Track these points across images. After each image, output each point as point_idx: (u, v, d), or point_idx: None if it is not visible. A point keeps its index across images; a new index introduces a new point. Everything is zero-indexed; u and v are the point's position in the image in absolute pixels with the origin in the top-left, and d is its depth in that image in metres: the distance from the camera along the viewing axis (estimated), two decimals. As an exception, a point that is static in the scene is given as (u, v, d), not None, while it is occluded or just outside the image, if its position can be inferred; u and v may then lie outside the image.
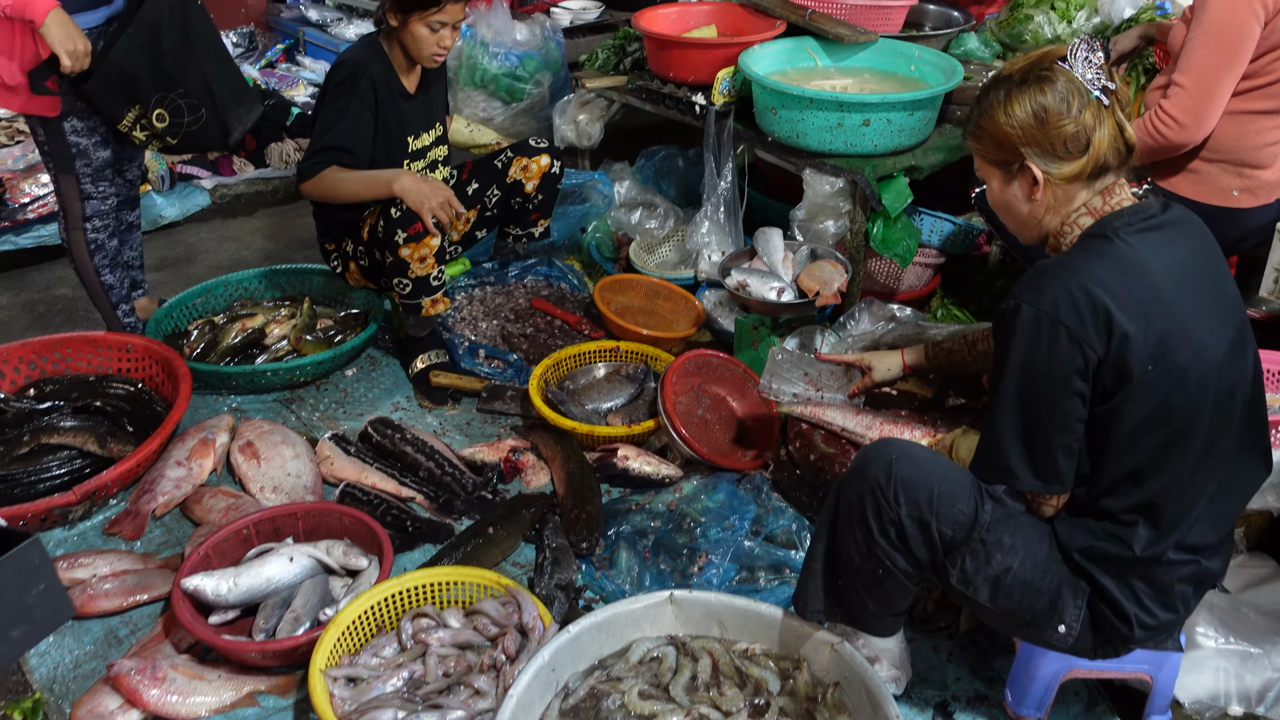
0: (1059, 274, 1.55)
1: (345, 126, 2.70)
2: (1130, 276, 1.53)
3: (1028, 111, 1.59)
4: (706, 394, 2.79)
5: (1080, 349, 1.52)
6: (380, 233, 2.71)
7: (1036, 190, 1.64)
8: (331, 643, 1.93)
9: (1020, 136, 1.61)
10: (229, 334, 3.05)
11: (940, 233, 3.29)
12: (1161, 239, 1.58)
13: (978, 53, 3.41)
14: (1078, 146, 1.59)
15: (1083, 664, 1.83)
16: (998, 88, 1.64)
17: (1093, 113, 1.59)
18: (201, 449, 2.55)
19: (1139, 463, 1.58)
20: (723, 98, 3.16)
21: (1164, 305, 1.52)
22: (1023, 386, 1.58)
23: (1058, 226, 1.67)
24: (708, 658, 1.94)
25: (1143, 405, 1.54)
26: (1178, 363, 1.52)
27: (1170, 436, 1.55)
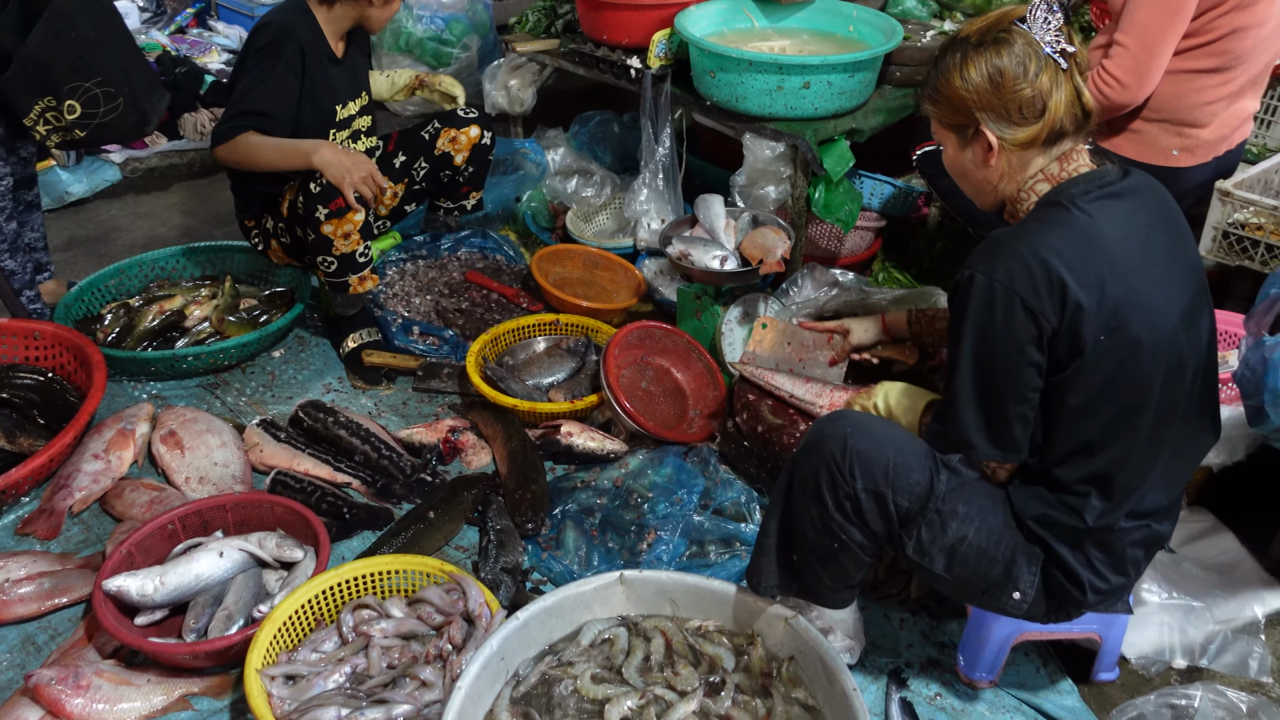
0: (1014, 244, 1.52)
1: (267, 91, 2.56)
2: (1086, 246, 1.51)
3: (983, 74, 1.56)
4: (650, 366, 2.74)
5: (1035, 319, 1.50)
6: (300, 209, 2.57)
7: (992, 156, 1.61)
8: (268, 640, 1.84)
9: (976, 100, 1.57)
10: (146, 317, 2.90)
11: (880, 195, 3.27)
12: (1120, 207, 1.56)
13: (915, 11, 3.38)
14: (1033, 111, 1.56)
15: (1033, 626, 1.84)
16: (955, 50, 1.60)
17: (1050, 76, 1.55)
18: (120, 440, 2.42)
19: (1092, 433, 1.57)
20: (659, 61, 3.08)
21: (1119, 275, 1.50)
22: (978, 357, 1.57)
23: (1014, 193, 1.64)
24: (660, 637, 1.90)
25: (1096, 375, 1.53)
26: (1131, 333, 1.50)
27: (1124, 407, 1.55)
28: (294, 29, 2.59)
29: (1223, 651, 2.00)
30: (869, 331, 2.26)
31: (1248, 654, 1.99)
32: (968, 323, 1.55)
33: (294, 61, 2.58)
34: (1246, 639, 2.01)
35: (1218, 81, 2.35)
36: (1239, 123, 2.47)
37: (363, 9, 2.65)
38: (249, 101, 2.55)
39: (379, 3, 2.64)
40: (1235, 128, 2.47)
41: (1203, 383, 1.63)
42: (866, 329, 2.27)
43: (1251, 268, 2.45)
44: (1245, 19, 2.27)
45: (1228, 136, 2.46)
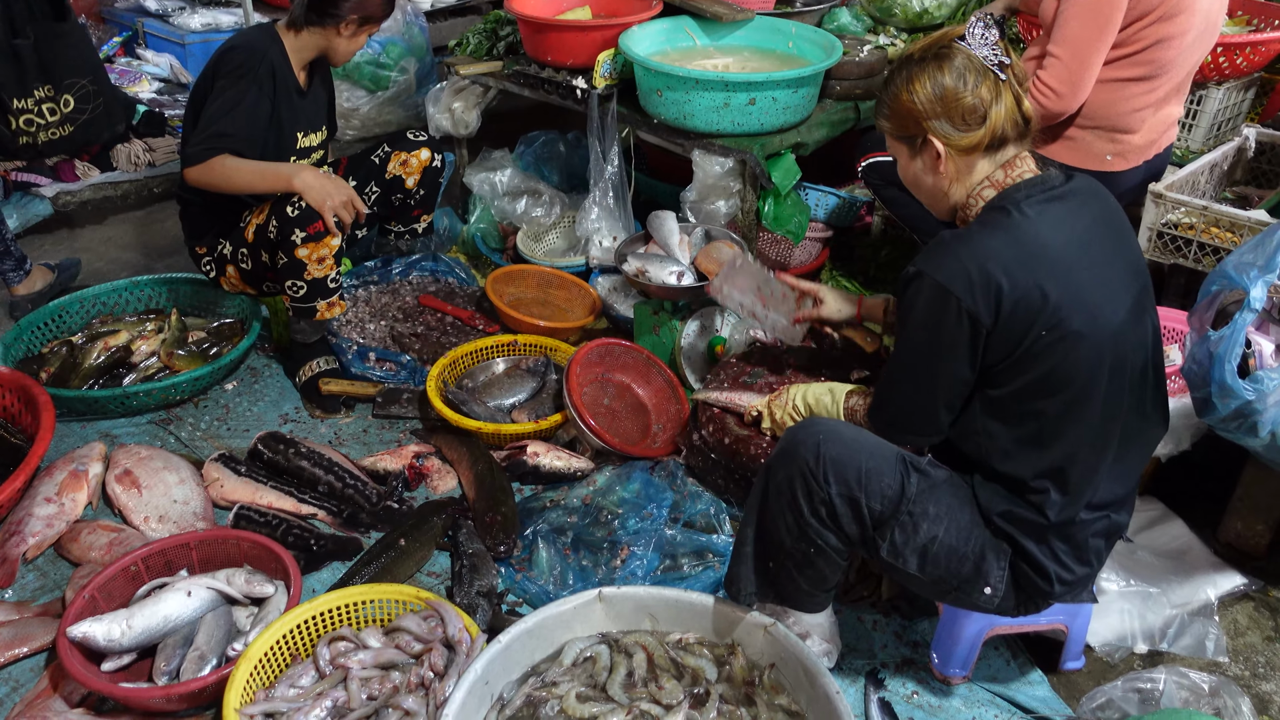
0: (956, 247, 1.62)
1: (241, 114, 2.53)
2: (1025, 248, 1.59)
3: (927, 88, 1.66)
4: (611, 383, 2.75)
5: (970, 319, 1.59)
6: (274, 232, 2.54)
7: (940, 162, 1.69)
8: (244, 678, 1.80)
9: (923, 111, 1.67)
10: (90, 354, 2.82)
11: (826, 207, 3.34)
12: (1063, 210, 1.64)
13: (851, 27, 3.46)
14: (975, 118, 1.65)
15: (1003, 621, 1.89)
16: (902, 68, 1.70)
17: (989, 87, 1.65)
18: (73, 482, 2.35)
19: (1040, 427, 1.65)
20: (604, 81, 3.11)
21: (1059, 274, 1.58)
22: (915, 348, 1.68)
23: (963, 199, 1.73)
24: (642, 652, 1.91)
25: (1037, 369, 1.61)
26: (1072, 328, 1.58)
27: (1069, 401, 1.62)
28: (266, 53, 2.58)
29: (1181, 634, 2.08)
30: (843, 309, 2.29)
31: (1204, 635, 2.08)
32: (910, 318, 1.67)
33: (266, 85, 2.57)
34: (1202, 621, 2.10)
35: (1145, 89, 2.46)
36: (1166, 128, 2.59)
37: (330, 38, 2.65)
38: (222, 124, 2.52)
39: (346, 34, 2.64)
40: (1163, 132, 2.58)
41: (1150, 377, 1.71)
42: (841, 305, 2.30)
43: (1185, 265, 2.56)
44: (1169, 30, 2.38)
45: (1156, 141, 2.58)
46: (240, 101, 2.53)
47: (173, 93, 4.55)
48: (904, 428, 1.77)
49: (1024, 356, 1.59)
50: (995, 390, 1.65)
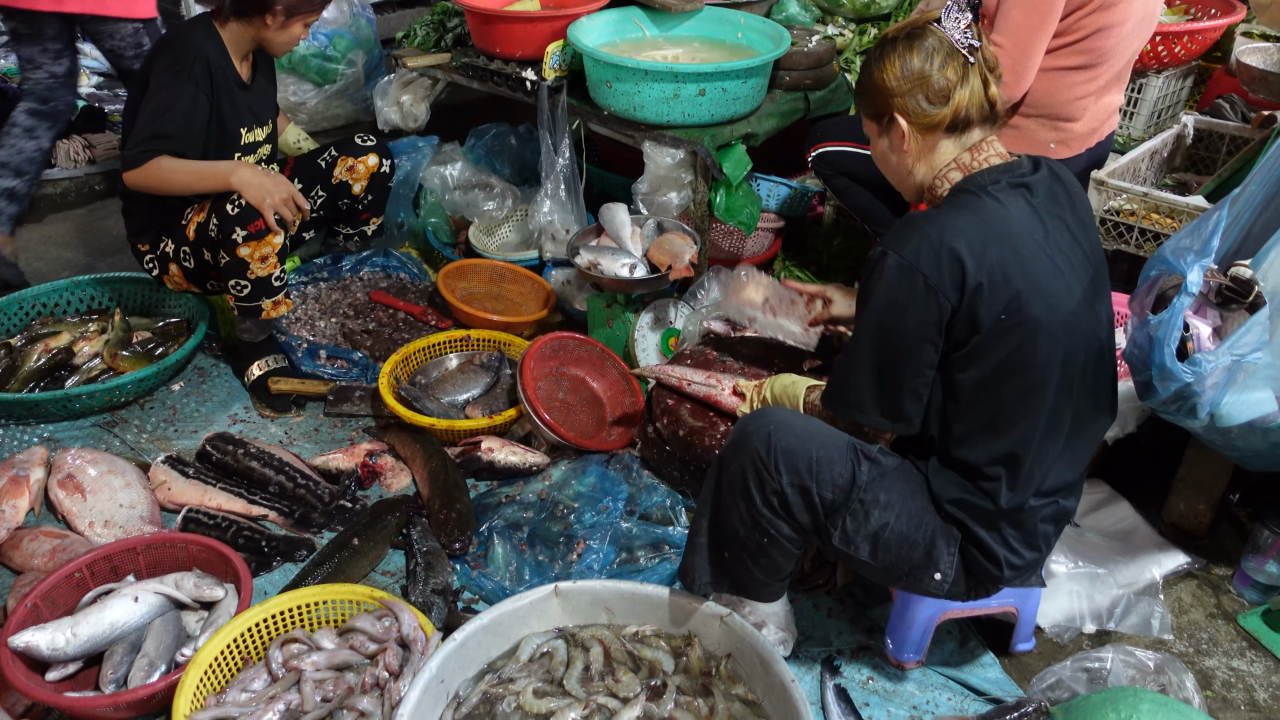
0: (923, 225, 1.62)
1: (178, 113, 2.47)
2: (990, 230, 1.60)
3: (897, 67, 1.68)
4: (566, 377, 2.74)
5: (935, 298, 1.58)
6: (214, 231, 2.49)
7: (905, 141, 1.71)
8: (194, 684, 1.77)
9: (891, 89, 1.69)
10: (30, 357, 2.75)
11: (778, 197, 3.35)
12: (1026, 195, 1.65)
13: (799, 18, 3.47)
14: (939, 98, 1.67)
15: (955, 605, 1.92)
16: (879, 48, 1.73)
17: (956, 68, 1.66)
18: (13, 488, 2.29)
19: (995, 413, 1.66)
20: (554, 72, 3.09)
21: (1021, 259, 1.59)
22: (880, 329, 1.66)
23: (929, 180, 1.74)
24: (599, 646, 1.91)
25: (995, 355, 1.61)
26: (1030, 314, 1.59)
27: (1025, 387, 1.63)
28: (203, 47, 2.52)
29: (1127, 614, 2.12)
30: (852, 305, 2.26)
31: (1150, 614, 2.12)
32: (874, 296, 1.65)
33: (203, 82, 2.51)
34: (1148, 600, 2.14)
35: (1086, 78, 2.50)
36: (1107, 115, 2.63)
37: (259, 30, 2.58)
38: (159, 124, 2.46)
39: (275, 25, 2.57)
40: (1104, 120, 2.63)
41: (1101, 364, 1.74)
42: (850, 301, 2.28)
43: (1128, 251, 2.61)
44: (1108, 18, 2.42)
45: (1098, 129, 2.62)
46: (176, 100, 2.47)
47: (112, 87, 4.45)
48: (865, 411, 1.70)
49: (984, 341, 1.60)
50: (955, 373, 1.65)
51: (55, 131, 3.37)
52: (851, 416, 1.73)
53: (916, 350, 1.64)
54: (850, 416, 1.74)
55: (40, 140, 3.31)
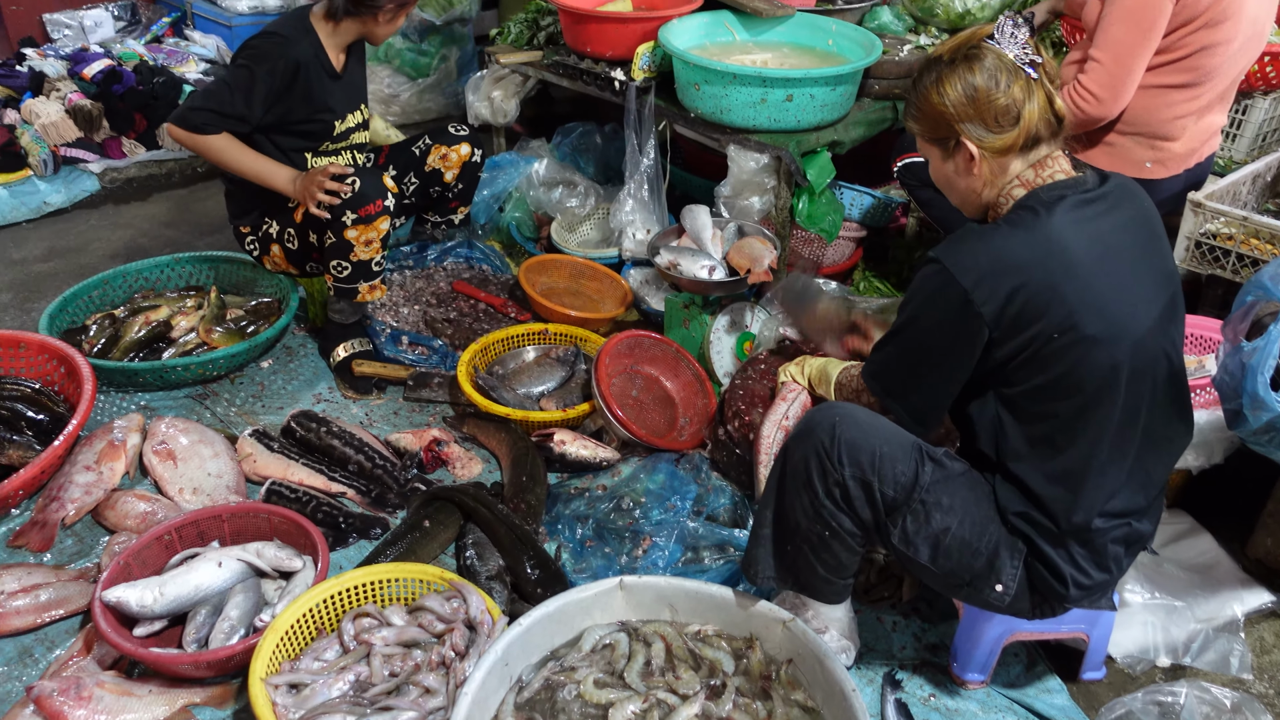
0: (975, 240, 1.62)
1: (240, 91, 2.59)
2: (1045, 248, 1.58)
3: (959, 90, 1.64)
4: (639, 375, 2.77)
5: (971, 312, 1.58)
6: (328, 214, 2.59)
7: (974, 165, 1.68)
8: (271, 649, 1.84)
9: (955, 114, 1.65)
10: (132, 328, 2.88)
11: (860, 206, 3.33)
12: (1091, 212, 1.62)
13: (891, 26, 3.45)
14: (1009, 119, 1.64)
15: (1024, 626, 1.89)
16: (930, 70, 1.69)
17: (1021, 86, 1.63)
18: (111, 451, 2.41)
19: (1052, 430, 1.65)
20: (643, 73, 3.12)
21: (1078, 278, 1.57)
22: (913, 333, 1.69)
23: (994, 198, 1.71)
24: (660, 642, 1.93)
25: (1048, 372, 1.60)
26: (1086, 333, 1.57)
27: (1083, 405, 1.61)
28: (297, 43, 2.62)
29: (1205, 649, 2.06)
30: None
31: (1229, 652, 2.06)
32: (914, 301, 1.68)
33: (283, 75, 2.61)
34: (1227, 637, 2.08)
35: (1188, 96, 2.44)
36: (1208, 136, 2.56)
37: (367, 25, 2.69)
38: (217, 100, 2.60)
39: (384, 20, 2.67)
40: (1205, 141, 2.55)
41: (1173, 385, 1.70)
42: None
43: (1223, 276, 2.53)
44: (1214, 36, 2.35)
45: (1198, 149, 2.55)
46: (253, 82, 2.59)
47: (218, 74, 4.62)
48: (897, 396, 1.76)
49: (1035, 358, 1.59)
50: (1008, 389, 1.65)
51: None
52: (883, 398, 1.78)
53: (944, 360, 1.66)
54: (882, 397, 1.78)
55: None
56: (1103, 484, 1.66)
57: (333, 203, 2.57)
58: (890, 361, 1.77)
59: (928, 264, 1.64)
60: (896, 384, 1.77)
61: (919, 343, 1.69)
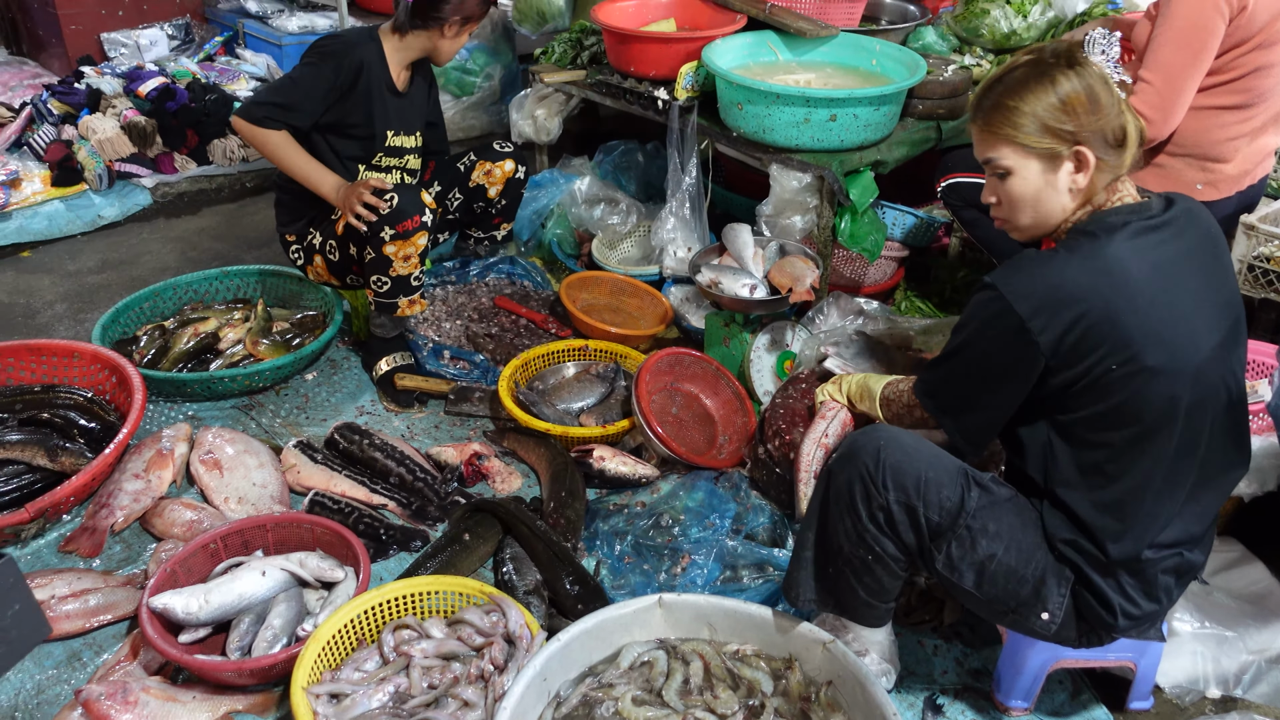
0: (1033, 266, 1.58)
1: (303, 88, 2.66)
2: (1105, 276, 1.55)
3: (1084, 98, 1.58)
4: (679, 392, 2.77)
5: (1027, 341, 1.56)
6: (364, 228, 2.63)
7: (1084, 175, 1.61)
8: (313, 658, 1.86)
9: (1077, 121, 1.58)
10: (181, 339, 2.94)
11: (903, 226, 3.32)
12: (1155, 239, 1.59)
13: (935, 46, 3.44)
14: (1120, 136, 1.60)
15: (1069, 653, 1.85)
16: (1042, 74, 1.59)
17: (1121, 105, 1.60)
18: (159, 460, 2.45)
19: (1106, 458, 1.62)
20: (686, 93, 3.14)
21: (1139, 307, 1.54)
22: (966, 358, 1.67)
23: (1061, 225, 1.67)
24: (699, 660, 1.92)
25: (1104, 401, 1.57)
26: (1147, 363, 1.54)
27: (1139, 434, 1.58)
28: (361, 48, 2.70)
29: (1257, 681, 2.01)
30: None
31: (1281, 683, 2.01)
32: (969, 324, 1.65)
33: (346, 76, 2.67)
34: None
35: (1240, 118, 2.40)
36: (1261, 158, 2.52)
37: (434, 39, 2.75)
38: (282, 94, 2.66)
39: (449, 34, 2.73)
40: (1258, 163, 2.51)
41: (1233, 415, 1.66)
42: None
43: (1277, 300, 2.49)
44: (1267, 58, 2.32)
45: (1250, 171, 2.51)
46: (315, 82, 2.65)
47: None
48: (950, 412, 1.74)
49: (1092, 386, 1.56)
50: (1063, 415, 1.63)
51: None
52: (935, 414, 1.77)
53: (999, 385, 1.63)
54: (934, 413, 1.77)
55: None
56: (1155, 514, 1.63)
57: (369, 217, 2.60)
58: (945, 380, 1.75)
59: (983, 290, 1.61)
60: (950, 402, 1.75)
61: (973, 367, 1.67)
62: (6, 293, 3.44)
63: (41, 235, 3.75)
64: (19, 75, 4.74)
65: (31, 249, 3.73)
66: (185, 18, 5.18)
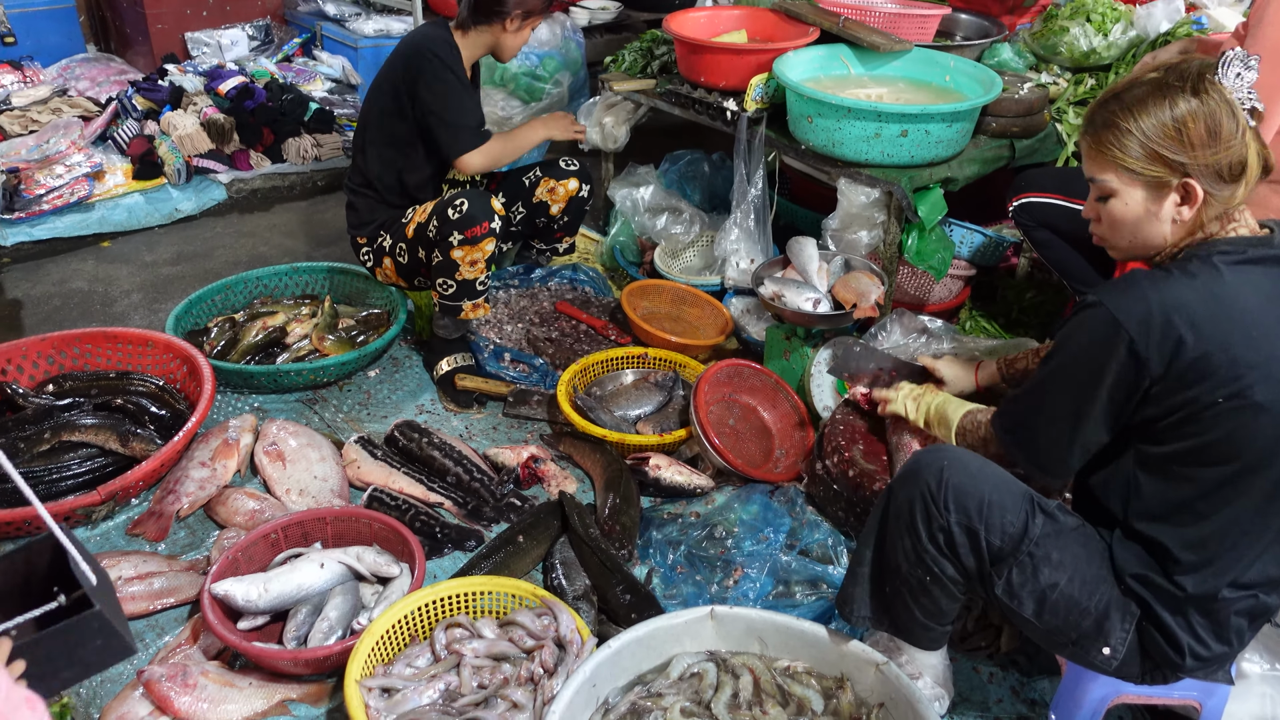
0: (1145, 286, 1.52)
1: (474, 105, 2.86)
2: (1218, 305, 1.48)
3: (1201, 128, 1.50)
4: (737, 404, 2.76)
5: (1135, 363, 1.50)
6: (434, 232, 2.67)
7: (1189, 208, 1.55)
8: (366, 652, 1.89)
9: (1190, 153, 1.51)
10: (250, 332, 3.01)
11: (970, 244, 3.27)
12: (1272, 272, 1.53)
13: (1011, 64, 3.38)
14: (1238, 169, 1.52)
15: (1131, 689, 1.80)
16: (1161, 97, 1.53)
17: (1249, 135, 1.52)
18: (225, 450, 2.51)
19: (1194, 494, 1.56)
20: (755, 104, 3.13)
21: (1251, 340, 1.47)
22: (1067, 377, 1.60)
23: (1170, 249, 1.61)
24: (749, 675, 1.91)
25: (1203, 435, 1.51)
26: (1253, 399, 1.47)
27: (1236, 473, 1.52)
28: (454, 51, 2.77)
29: (1329, 727, 1.94)
30: (963, 387, 2.28)
31: (1356, 732, 1.93)
32: (1072, 342, 1.58)
33: (464, 76, 2.79)
34: (1355, 716, 1.95)
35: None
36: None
37: (496, 34, 2.80)
38: (472, 117, 2.83)
39: (511, 28, 2.78)
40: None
41: None
42: (959, 377, 2.29)
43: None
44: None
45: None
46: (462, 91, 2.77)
47: (342, 93, 4.81)
48: (1029, 450, 1.68)
49: (1193, 419, 1.50)
50: (1154, 447, 1.56)
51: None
52: (1011, 448, 1.72)
53: (1097, 410, 1.56)
54: (1010, 447, 1.72)
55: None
56: (1239, 554, 1.57)
57: (580, 139, 2.88)
58: (1029, 413, 1.68)
59: (1087, 308, 1.55)
60: (1030, 436, 1.68)
61: (1068, 391, 1.59)
62: (87, 280, 3.56)
63: (121, 226, 3.87)
64: (106, 71, 4.91)
65: (111, 239, 3.85)
66: (265, 19, 5.32)
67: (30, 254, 3.69)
